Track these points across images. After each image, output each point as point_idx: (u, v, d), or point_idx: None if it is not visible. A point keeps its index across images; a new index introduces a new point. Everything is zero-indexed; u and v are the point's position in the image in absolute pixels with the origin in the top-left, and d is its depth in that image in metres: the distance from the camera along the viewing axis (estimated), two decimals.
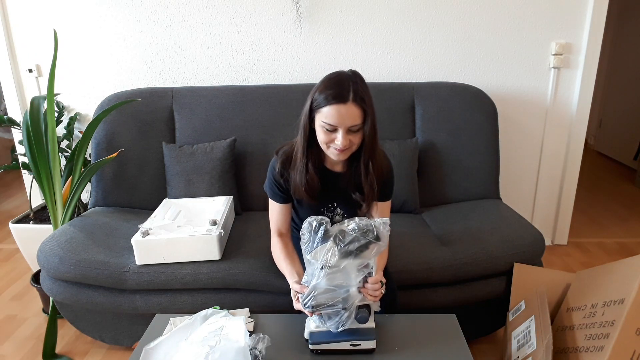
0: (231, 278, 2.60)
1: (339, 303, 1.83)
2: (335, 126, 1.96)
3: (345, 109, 1.92)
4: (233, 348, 1.73)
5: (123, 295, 2.67)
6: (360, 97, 1.93)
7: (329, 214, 2.31)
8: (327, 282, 1.83)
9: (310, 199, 2.21)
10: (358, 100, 1.93)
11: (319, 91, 1.99)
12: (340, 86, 1.94)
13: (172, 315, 2.17)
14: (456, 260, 2.66)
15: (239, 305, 2.62)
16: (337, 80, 1.97)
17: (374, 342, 1.89)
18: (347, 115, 1.93)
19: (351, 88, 1.93)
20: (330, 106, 1.94)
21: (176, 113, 3.46)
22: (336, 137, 1.99)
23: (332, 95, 1.93)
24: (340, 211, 2.31)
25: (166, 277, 2.59)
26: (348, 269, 1.84)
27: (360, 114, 1.95)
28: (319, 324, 1.92)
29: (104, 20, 3.70)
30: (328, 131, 1.99)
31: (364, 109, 1.95)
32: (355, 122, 1.96)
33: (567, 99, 3.86)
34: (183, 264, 2.62)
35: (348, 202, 2.28)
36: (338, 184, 2.25)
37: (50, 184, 3.09)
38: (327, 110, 1.95)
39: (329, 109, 1.94)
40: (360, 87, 1.95)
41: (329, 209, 2.30)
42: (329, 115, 1.95)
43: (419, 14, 3.68)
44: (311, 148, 2.14)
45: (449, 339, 1.98)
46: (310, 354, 1.91)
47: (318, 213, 2.25)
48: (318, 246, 1.79)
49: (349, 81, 1.95)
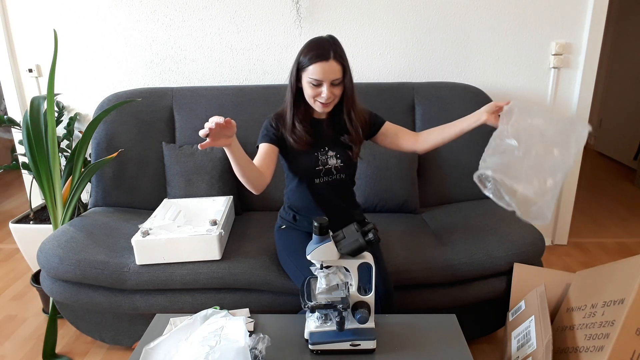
0: (231, 278, 2.60)
1: (339, 303, 1.83)
2: (320, 81, 2.27)
3: (328, 65, 2.24)
4: (233, 348, 1.72)
5: (123, 295, 2.67)
6: (340, 55, 2.26)
7: (323, 157, 2.49)
8: (326, 282, 1.85)
9: (303, 147, 2.44)
10: (338, 58, 2.25)
11: (303, 54, 2.30)
12: (322, 47, 2.26)
13: (172, 315, 2.17)
14: (456, 260, 2.66)
15: (239, 305, 2.62)
16: (319, 43, 2.29)
17: (374, 342, 1.89)
18: (330, 71, 2.25)
19: (331, 49, 2.25)
20: (315, 64, 2.24)
21: (176, 113, 3.46)
22: (322, 91, 2.29)
23: (315, 55, 2.24)
24: (332, 153, 2.50)
25: (166, 277, 2.59)
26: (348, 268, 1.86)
27: (340, 69, 2.28)
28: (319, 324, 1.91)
29: (104, 21, 3.70)
30: (314, 86, 2.29)
31: (343, 65, 2.28)
32: (337, 76, 2.28)
33: (567, 99, 3.85)
34: (183, 264, 2.62)
35: (338, 145, 2.52)
36: (327, 131, 2.52)
37: (50, 184, 3.09)
38: (312, 68, 2.25)
39: (314, 67, 2.25)
40: (338, 47, 2.28)
41: (322, 153, 2.49)
42: (314, 72, 2.25)
43: (419, 14, 3.68)
44: (298, 103, 2.44)
45: (449, 339, 1.98)
46: (310, 354, 1.90)
47: (313, 158, 2.48)
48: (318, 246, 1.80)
49: (328, 43, 2.28)
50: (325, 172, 2.47)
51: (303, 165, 2.47)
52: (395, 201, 3.23)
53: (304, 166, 2.47)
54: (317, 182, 2.48)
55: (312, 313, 1.95)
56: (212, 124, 1.83)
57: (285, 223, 2.66)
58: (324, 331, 1.90)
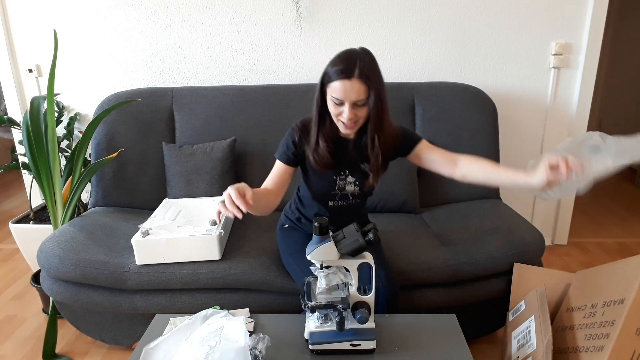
0: (231, 278, 2.59)
1: (339, 303, 1.84)
2: (342, 100, 2.08)
3: (350, 84, 2.03)
4: (233, 348, 1.72)
5: (123, 295, 2.67)
6: (366, 74, 2.03)
7: (341, 182, 2.37)
8: (326, 282, 1.85)
9: (322, 170, 2.30)
10: (363, 77, 2.03)
11: (330, 66, 2.10)
12: (348, 62, 2.05)
13: (172, 315, 2.17)
14: (456, 260, 2.66)
15: (239, 305, 2.62)
16: (346, 56, 2.08)
17: (374, 342, 1.89)
18: (351, 90, 2.04)
19: (357, 65, 2.03)
20: (337, 81, 2.05)
21: (176, 113, 3.46)
22: (343, 111, 2.10)
23: (339, 70, 2.04)
24: (352, 179, 2.37)
25: (166, 277, 2.59)
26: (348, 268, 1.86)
27: (364, 90, 2.05)
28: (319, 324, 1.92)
29: (104, 20, 3.70)
30: (336, 104, 2.11)
31: (368, 85, 2.05)
32: (360, 97, 2.06)
33: (567, 99, 3.86)
34: (183, 264, 2.62)
35: (359, 170, 2.36)
36: (352, 152, 2.34)
37: (50, 184, 3.09)
38: (334, 85, 2.06)
39: (336, 83, 2.05)
40: (367, 64, 2.05)
41: (341, 177, 2.36)
42: (336, 90, 2.06)
43: (419, 14, 3.68)
44: (323, 120, 2.25)
45: (449, 339, 1.98)
46: (310, 354, 1.90)
47: (330, 181, 2.35)
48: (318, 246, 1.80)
49: (356, 58, 2.05)
50: (341, 196, 2.41)
51: (319, 187, 2.40)
52: (395, 201, 3.23)
53: (319, 188, 2.40)
54: (330, 204, 2.43)
55: (312, 313, 1.95)
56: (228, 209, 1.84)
57: (289, 222, 2.66)
58: (324, 331, 1.91)
